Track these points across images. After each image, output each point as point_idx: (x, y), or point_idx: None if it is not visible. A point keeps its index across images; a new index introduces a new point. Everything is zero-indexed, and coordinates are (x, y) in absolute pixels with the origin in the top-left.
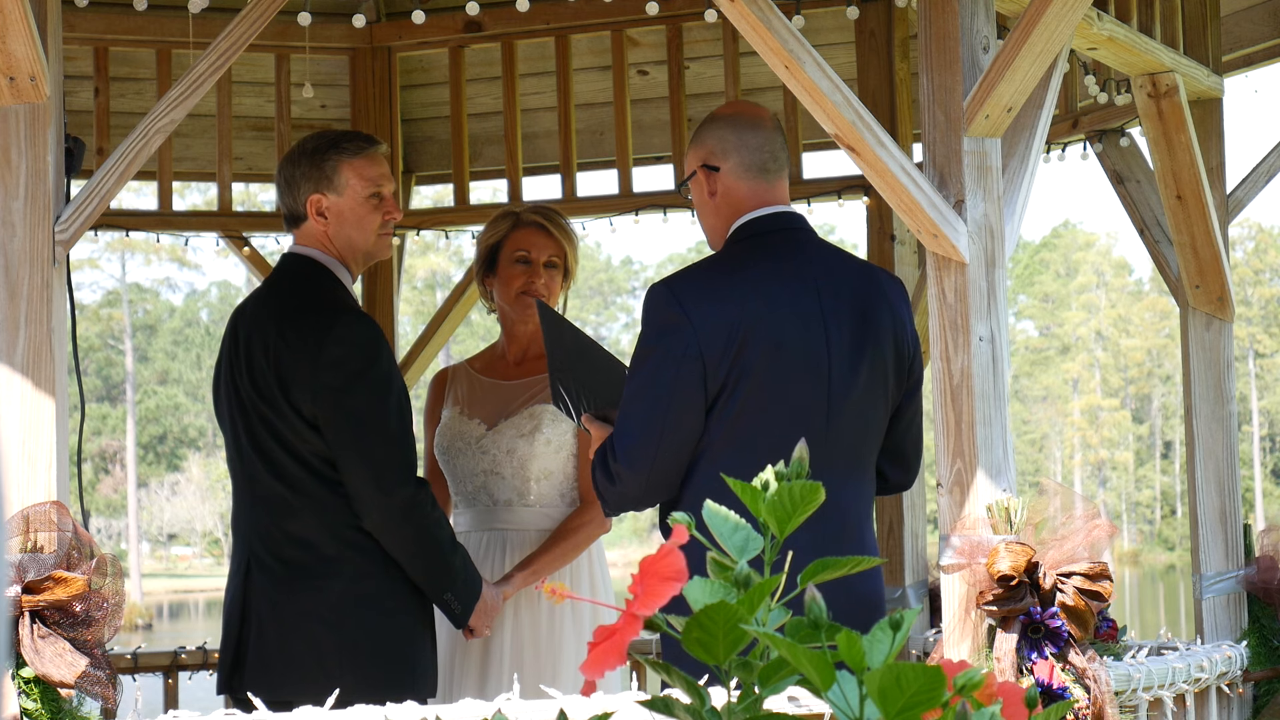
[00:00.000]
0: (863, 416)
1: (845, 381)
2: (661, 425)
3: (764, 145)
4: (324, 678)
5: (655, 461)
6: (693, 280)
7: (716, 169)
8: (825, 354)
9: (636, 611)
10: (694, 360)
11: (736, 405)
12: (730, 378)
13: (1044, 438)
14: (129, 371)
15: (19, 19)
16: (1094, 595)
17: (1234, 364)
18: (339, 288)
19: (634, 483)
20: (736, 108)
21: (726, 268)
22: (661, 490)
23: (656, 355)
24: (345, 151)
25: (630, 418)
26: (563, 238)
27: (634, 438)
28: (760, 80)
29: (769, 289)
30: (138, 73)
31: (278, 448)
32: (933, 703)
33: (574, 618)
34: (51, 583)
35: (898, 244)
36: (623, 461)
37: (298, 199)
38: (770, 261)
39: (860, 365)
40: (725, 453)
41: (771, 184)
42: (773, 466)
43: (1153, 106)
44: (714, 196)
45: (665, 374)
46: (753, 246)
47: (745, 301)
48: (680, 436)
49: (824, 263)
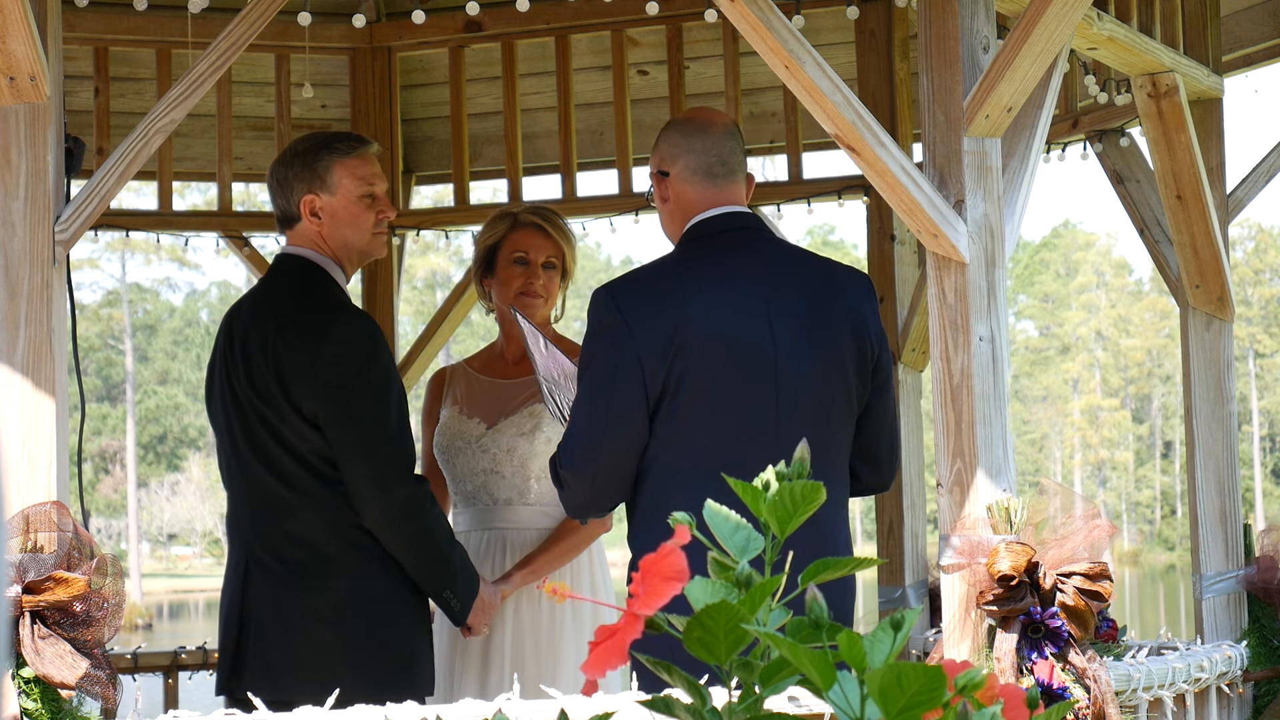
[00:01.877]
0: (819, 415)
1: (795, 381)
2: (603, 430)
3: (711, 149)
4: (326, 677)
5: (599, 465)
6: (633, 284)
7: (666, 174)
8: (771, 353)
9: (638, 611)
10: (632, 364)
11: (680, 407)
12: (670, 380)
13: (1044, 438)
14: (129, 371)
15: (19, 19)
16: (1094, 595)
17: (1234, 364)
18: (335, 287)
19: (580, 489)
20: (691, 114)
21: (670, 270)
22: (610, 494)
23: (597, 360)
24: (337, 151)
25: (574, 424)
26: (560, 238)
27: (577, 443)
28: (760, 80)
29: (711, 289)
30: (138, 73)
31: (276, 447)
32: (934, 703)
33: (574, 617)
34: (52, 583)
35: (898, 244)
36: (566, 466)
37: (290, 200)
38: (716, 262)
39: (811, 364)
40: (673, 455)
41: (720, 188)
42: (722, 469)
43: (1153, 106)
44: (667, 202)
45: (604, 379)
46: (700, 247)
47: (685, 303)
48: (623, 441)
49: (776, 262)
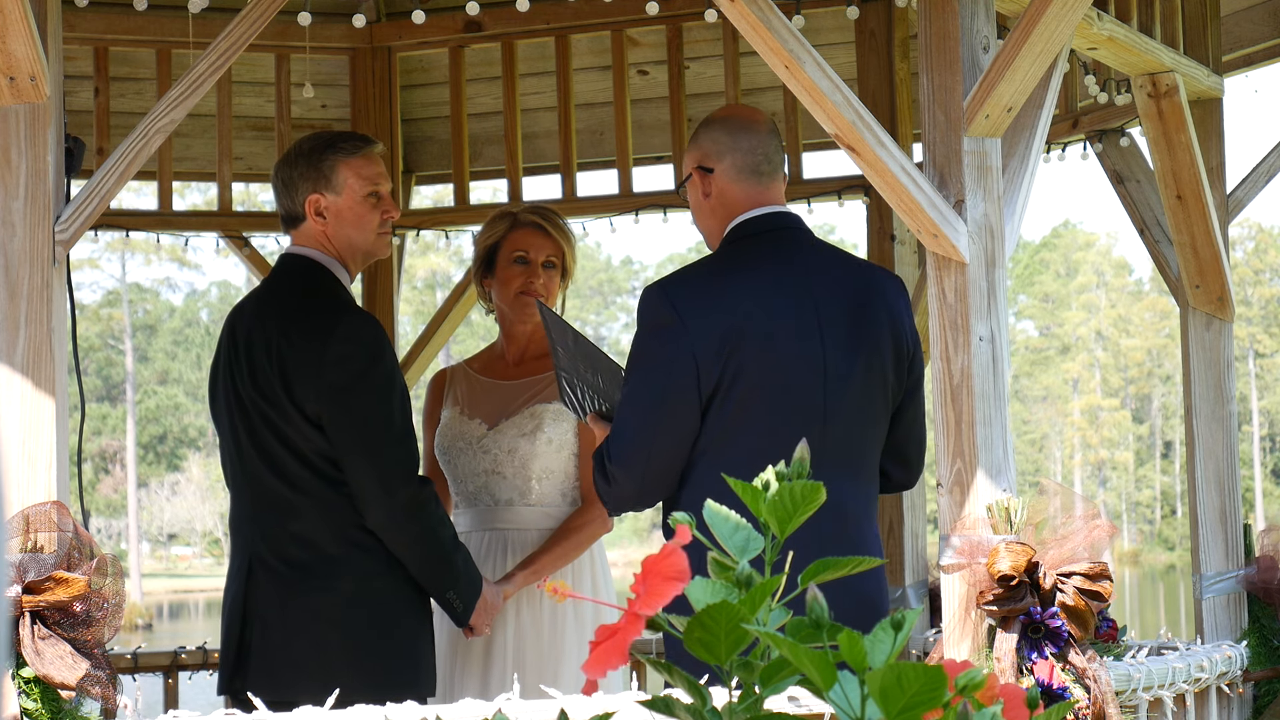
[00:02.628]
0: (860, 415)
1: (841, 380)
2: (655, 427)
3: (757, 147)
4: (329, 678)
5: (649, 463)
6: (686, 282)
7: (711, 170)
8: (820, 352)
9: (639, 611)
10: (687, 362)
11: (732, 406)
12: (724, 379)
13: (1044, 438)
14: (129, 371)
15: (19, 19)
16: (1094, 595)
17: (1234, 364)
18: (339, 287)
19: (629, 484)
20: (732, 110)
21: (721, 269)
22: (657, 491)
23: (650, 357)
24: (342, 151)
25: (624, 420)
26: (560, 237)
27: (628, 439)
28: (760, 80)
29: (763, 289)
30: (138, 73)
31: (280, 447)
32: (934, 703)
33: (575, 617)
34: (52, 583)
35: (898, 244)
36: (617, 463)
37: (295, 199)
38: (764, 262)
39: (856, 363)
40: (721, 453)
41: (765, 186)
42: (771, 466)
43: (1153, 106)
44: (709, 198)
45: (658, 376)
46: (747, 247)
47: (739, 302)
48: (674, 438)
49: (819, 262)
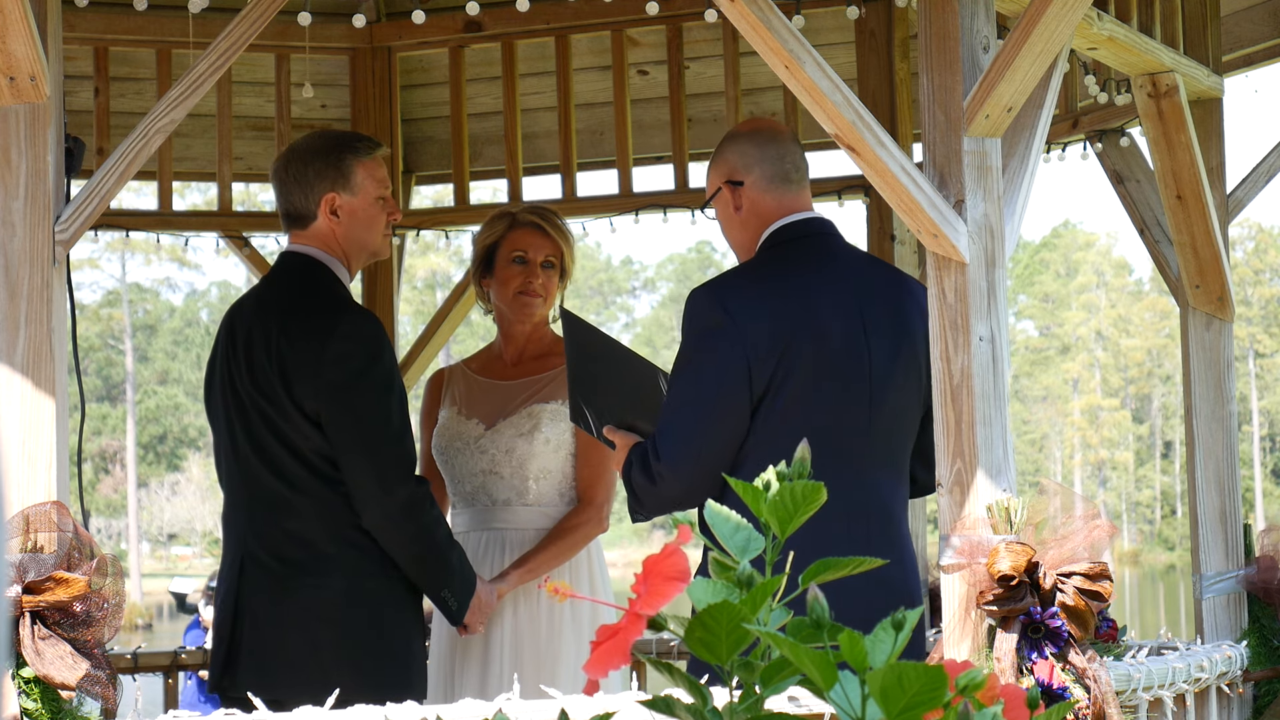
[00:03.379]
0: (900, 417)
1: (885, 382)
2: (706, 427)
3: (785, 155)
4: (321, 676)
5: (699, 462)
6: (735, 284)
7: (741, 183)
8: (866, 354)
9: (640, 611)
10: (740, 362)
11: (781, 406)
12: (775, 379)
13: (1044, 438)
14: (129, 371)
15: (19, 19)
16: (1094, 595)
17: (1234, 364)
18: (339, 285)
19: (676, 483)
20: (754, 124)
21: (765, 272)
22: (702, 491)
23: (702, 358)
24: (359, 152)
25: (674, 419)
26: (559, 237)
27: (678, 438)
28: (760, 80)
29: (809, 291)
30: (138, 73)
31: (278, 445)
32: (935, 703)
33: (573, 617)
34: (52, 583)
35: (898, 244)
36: (666, 461)
37: (310, 197)
38: (806, 265)
39: (896, 366)
40: (769, 453)
41: (796, 193)
42: (816, 469)
43: (1153, 106)
44: (740, 211)
45: (710, 376)
46: (787, 252)
47: (787, 304)
48: (724, 438)
49: (856, 266)
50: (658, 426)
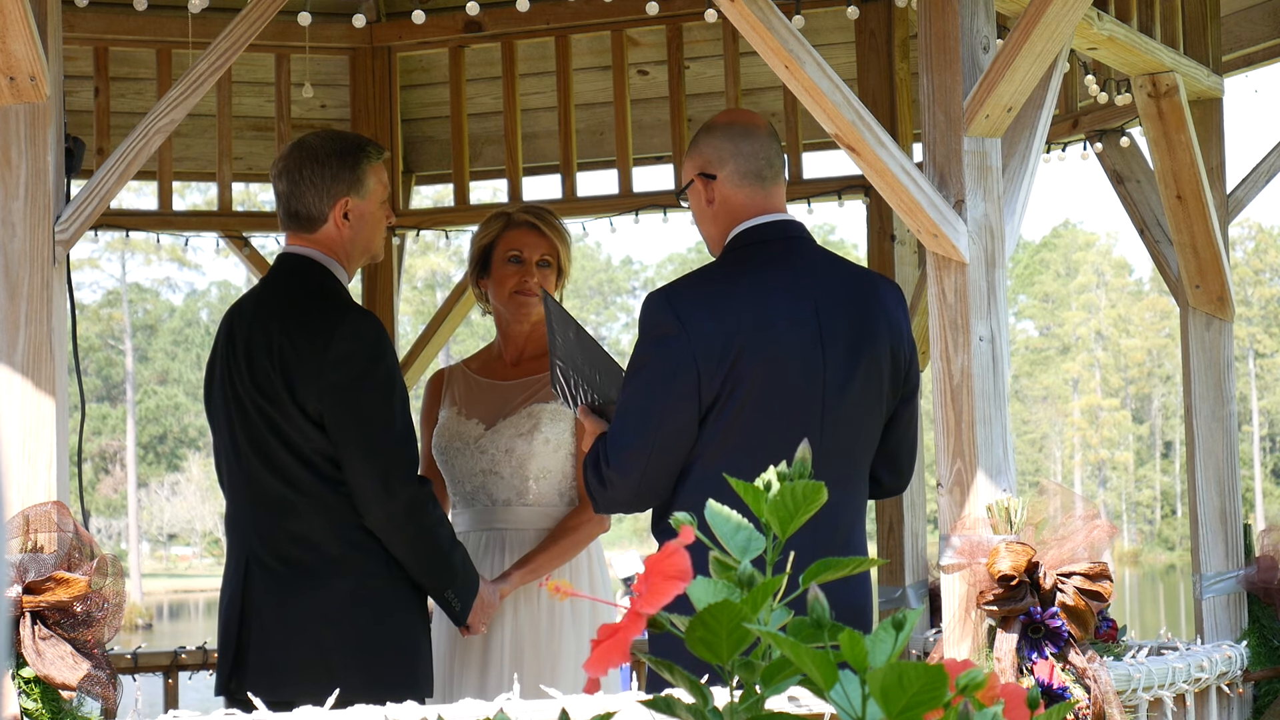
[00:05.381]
0: (856, 424)
1: (839, 390)
2: (654, 433)
3: (759, 152)
4: (328, 678)
5: (646, 468)
6: (690, 289)
7: (713, 177)
8: (820, 363)
9: (640, 610)
10: (689, 370)
11: (731, 414)
12: (725, 387)
13: (1044, 438)
14: (129, 371)
15: (19, 19)
16: (1094, 595)
17: (1234, 364)
18: (340, 286)
19: (624, 488)
20: (732, 116)
21: (724, 276)
22: (651, 496)
23: (652, 363)
24: (370, 156)
25: (624, 424)
26: (555, 237)
27: (626, 444)
28: (760, 80)
29: (765, 299)
30: (138, 73)
31: (280, 446)
32: (935, 702)
33: (573, 616)
34: (52, 583)
35: (898, 244)
36: (614, 467)
37: (325, 200)
38: (767, 270)
39: (855, 374)
40: (718, 460)
41: (768, 191)
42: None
43: (1153, 106)
44: (711, 204)
45: (660, 383)
46: (750, 255)
47: (741, 311)
48: (672, 444)
49: (821, 270)
50: (609, 431)
